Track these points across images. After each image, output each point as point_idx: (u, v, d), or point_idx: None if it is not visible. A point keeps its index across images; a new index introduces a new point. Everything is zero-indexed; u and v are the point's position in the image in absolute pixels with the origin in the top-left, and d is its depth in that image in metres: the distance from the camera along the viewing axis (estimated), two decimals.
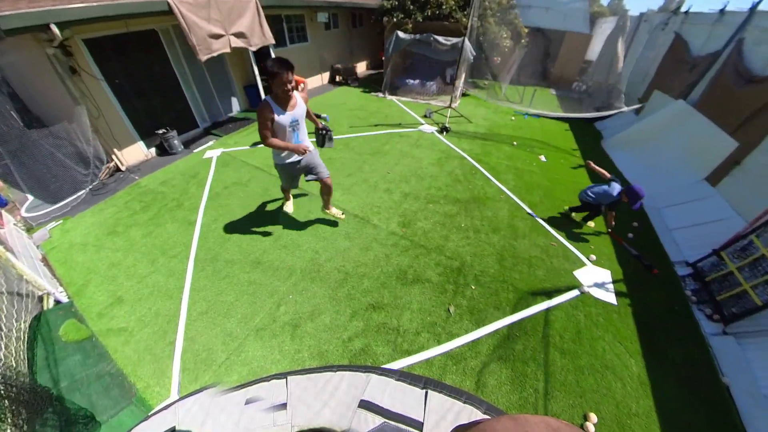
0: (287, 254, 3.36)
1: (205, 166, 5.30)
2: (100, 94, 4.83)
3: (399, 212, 4.01)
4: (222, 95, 7.23)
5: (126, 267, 3.26)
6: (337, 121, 7.05)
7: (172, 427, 0.98)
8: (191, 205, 4.26)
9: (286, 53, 8.28)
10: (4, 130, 4.58)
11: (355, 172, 4.93)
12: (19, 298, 2.55)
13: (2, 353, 1.97)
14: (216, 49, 5.33)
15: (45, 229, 3.89)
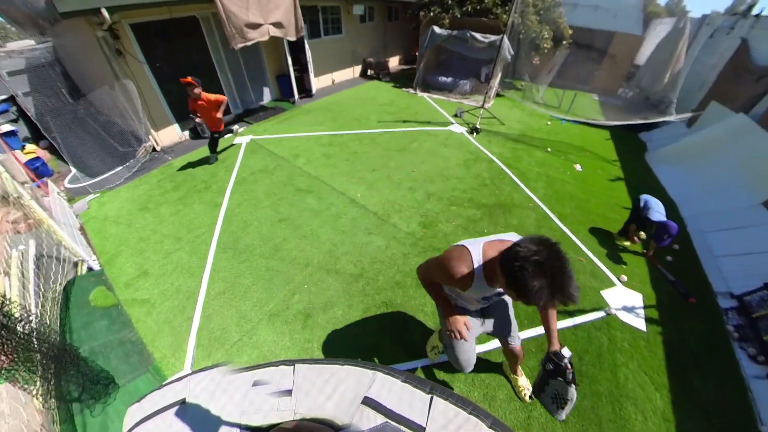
0: (306, 244, 3.44)
1: (233, 151, 5.51)
2: (141, 77, 5.13)
3: (421, 212, 3.98)
4: (255, 84, 7.46)
5: (154, 242, 3.48)
6: (366, 115, 7.08)
7: (183, 398, 1.02)
8: (218, 188, 4.45)
9: (320, 45, 8.40)
10: (56, 106, 5.01)
11: (379, 167, 4.94)
12: (57, 262, 2.79)
13: (39, 310, 2.17)
14: (251, 38, 5.50)
15: (84, 200, 4.21)
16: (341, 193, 4.30)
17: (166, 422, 1.00)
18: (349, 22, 9.17)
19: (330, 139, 5.93)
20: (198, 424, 0.95)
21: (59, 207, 3.56)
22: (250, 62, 7.10)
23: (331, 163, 5.07)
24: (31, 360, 1.57)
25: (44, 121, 4.73)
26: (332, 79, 9.61)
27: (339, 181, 4.57)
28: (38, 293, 2.27)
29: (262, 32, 5.64)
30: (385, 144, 5.73)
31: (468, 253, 1.23)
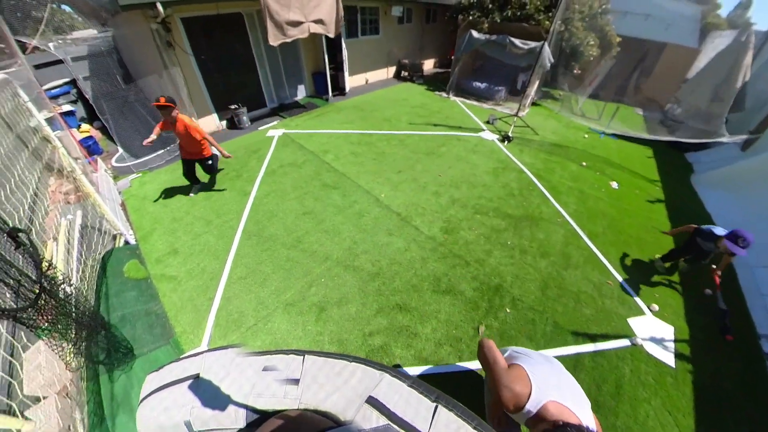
0: (327, 239, 3.50)
1: (266, 143, 5.72)
2: (187, 67, 5.45)
3: (444, 217, 3.93)
4: (291, 79, 7.69)
5: (185, 223, 3.68)
6: (396, 116, 7.10)
7: (197, 373, 1.07)
8: (249, 177, 4.64)
9: (357, 44, 8.52)
10: (110, 90, 5.43)
11: (406, 169, 4.94)
12: (98, 233, 3.02)
13: (79, 275, 2.35)
14: (290, 36, 5.67)
15: (127, 179, 4.54)
16: (366, 192, 4.33)
17: (180, 393, 1.05)
18: (387, 23, 9.23)
19: (359, 137, 6.00)
20: (209, 399, 1.00)
21: (105, 183, 3.86)
22: (288, 58, 7.32)
23: (359, 161, 5.13)
24: (67, 321, 1.71)
25: (99, 104, 5.15)
26: (366, 79, 9.71)
27: (365, 179, 4.61)
28: (80, 260, 2.47)
29: (302, 30, 5.80)
30: (413, 146, 5.71)
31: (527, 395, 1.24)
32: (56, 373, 1.57)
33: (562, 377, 1.35)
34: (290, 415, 0.91)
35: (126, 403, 1.84)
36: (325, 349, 2.47)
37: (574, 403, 1.20)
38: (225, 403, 0.98)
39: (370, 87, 9.43)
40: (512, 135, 6.33)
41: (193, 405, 1.01)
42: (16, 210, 1.94)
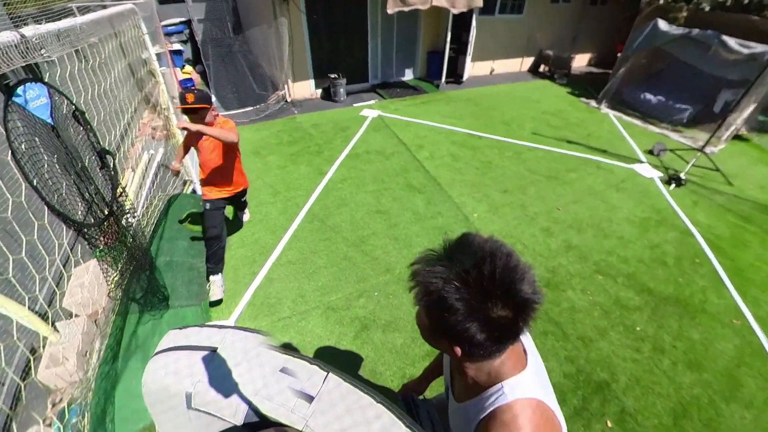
0: (395, 247, 3.49)
1: (357, 123, 6.09)
2: (296, 25, 6.18)
3: (549, 265, 3.53)
4: (401, 56, 8.07)
5: (253, 188, 4.14)
6: (519, 121, 6.78)
7: (216, 347, 1.13)
8: (329, 156, 5.00)
9: (490, 24, 8.46)
10: (218, 36, 6.53)
11: (514, 190, 4.64)
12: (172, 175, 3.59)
13: (142, 211, 2.82)
14: (411, 4, 5.94)
15: None
16: (456, 205, 4.21)
17: (192, 361, 1.13)
18: (537, 0, 8.93)
19: (465, 138, 5.90)
20: (216, 379, 1.04)
21: None
22: (404, 31, 7.71)
23: (457, 167, 5.03)
24: (122, 250, 2.03)
25: (205, 48, 6.23)
26: (491, 68, 9.56)
27: (458, 190, 4.49)
28: (148, 196, 2.96)
29: (424, 0, 6.02)
30: (532, 163, 5.33)
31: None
32: (94, 297, 1.89)
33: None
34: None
35: (142, 349, 2.11)
36: (355, 374, 2.43)
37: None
38: (230, 392, 1.01)
39: (495, 79, 9.24)
40: (685, 177, 5.36)
41: (200, 379, 1.06)
42: (109, 132, 2.42)
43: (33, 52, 1.48)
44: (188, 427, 1.06)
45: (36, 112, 1.66)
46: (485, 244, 0.70)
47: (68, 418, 1.54)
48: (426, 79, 8.52)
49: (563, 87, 9.25)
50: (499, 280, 0.64)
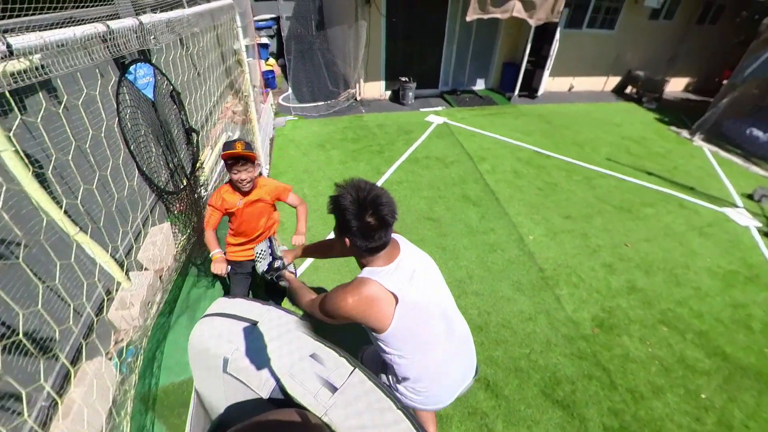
0: (440, 256, 3.44)
1: (421, 127, 6.12)
2: (375, 27, 6.37)
3: (606, 304, 3.25)
4: (475, 65, 7.95)
5: (314, 179, 4.36)
6: (594, 144, 6.33)
7: (257, 321, 1.22)
8: (389, 157, 5.09)
9: (575, 38, 8.00)
10: (302, 33, 6.95)
11: (578, 217, 4.34)
12: None
13: (213, 186, 3.09)
14: (490, 13, 5.84)
15: (284, 118, 5.72)
16: (511, 224, 4.05)
17: (234, 329, 1.23)
18: (632, 16, 8.23)
19: (531, 155, 5.65)
20: (252, 351, 1.12)
21: (266, 116, 4.96)
22: (481, 40, 7.58)
23: (518, 184, 4.84)
24: (191, 218, 2.26)
25: (288, 43, 6.67)
26: (571, 85, 9.04)
27: (516, 208, 4.32)
28: (220, 174, 3.24)
29: (506, 9, 5.89)
30: (602, 191, 4.95)
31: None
32: (162, 255, 2.12)
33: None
34: (310, 419, 0.92)
35: (193, 310, 2.32)
36: None
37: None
38: (262, 365, 1.07)
39: (573, 96, 8.72)
40: None
41: (238, 347, 1.15)
42: (197, 112, 2.69)
43: (147, 37, 1.70)
44: (220, 388, 1.16)
45: (142, 89, 1.90)
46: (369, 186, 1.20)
47: (125, 356, 1.76)
48: (498, 90, 8.29)
49: (651, 112, 8.45)
50: (370, 203, 1.15)
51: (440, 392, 1.40)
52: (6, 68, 1.03)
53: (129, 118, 1.79)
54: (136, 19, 1.62)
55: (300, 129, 5.51)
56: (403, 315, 1.20)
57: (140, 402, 1.82)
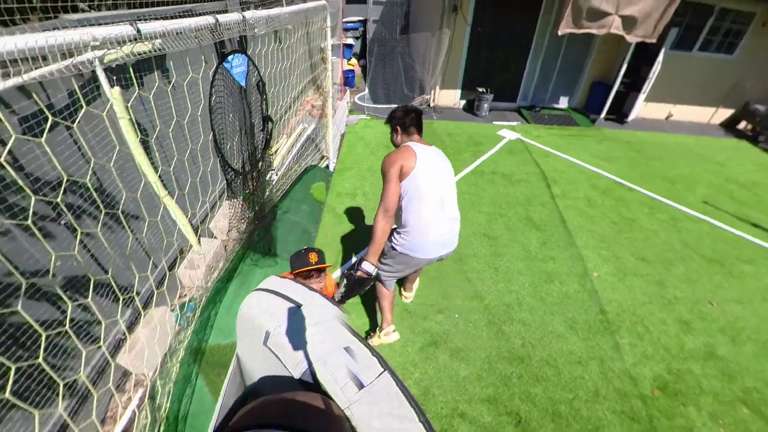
0: (491, 277, 3.34)
1: (492, 141, 5.95)
2: (459, 36, 6.32)
3: (673, 365, 2.87)
4: (560, 81, 7.51)
5: (375, 178, 4.46)
6: (689, 182, 5.63)
7: (301, 304, 1.28)
8: (454, 166, 4.83)
9: (682, 62, 7.17)
10: (384, 37, 7.13)
11: (655, 261, 3.89)
12: (314, 148, 4.12)
13: (283, 171, 3.31)
14: (585, 28, 5.46)
15: (358, 116, 5.93)
16: (576, 256, 3.76)
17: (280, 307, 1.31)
18: (759, 41, 7.13)
19: (610, 185, 5.20)
20: (292, 330, 1.19)
21: (341, 113, 5.19)
22: (571, 55, 7.15)
23: (591, 213, 4.48)
24: (259, 197, 2.45)
25: (371, 45, 6.89)
26: (669, 113, 8.13)
27: (584, 239, 4.00)
28: (291, 161, 3.47)
29: (602, 24, 5.47)
30: (690, 236, 4.37)
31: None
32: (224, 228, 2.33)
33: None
34: (333, 409, 0.95)
35: (245, 281, 2.52)
36: (408, 385, 2.42)
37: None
38: (299, 347, 1.12)
39: (669, 126, 7.84)
40: None
41: (280, 324, 1.22)
42: (277, 101, 2.90)
43: (247, 29, 1.89)
44: (259, 359, 1.24)
45: (235, 77, 2.11)
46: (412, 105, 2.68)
47: (185, 310, 1.97)
48: (582, 110, 7.75)
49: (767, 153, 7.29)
50: (411, 109, 2.10)
51: (423, 246, 2.00)
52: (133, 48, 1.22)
53: (220, 102, 2.00)
54: (241, 15, 1.80)
55: (371, 128, 5.67)
56: (417, 172, 1.88)
57: (190, 354, 2.01)
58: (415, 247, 1.99)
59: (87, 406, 1.62)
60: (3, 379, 1.16)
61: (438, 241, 2.01)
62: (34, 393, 1.35)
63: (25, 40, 0.89)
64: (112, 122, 1.43)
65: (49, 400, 1.41)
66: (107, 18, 1.69)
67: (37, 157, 1.36)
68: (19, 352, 1.31)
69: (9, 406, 1.29)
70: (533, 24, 6.60)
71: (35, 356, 1.19)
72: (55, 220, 1.45)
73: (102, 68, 1.22)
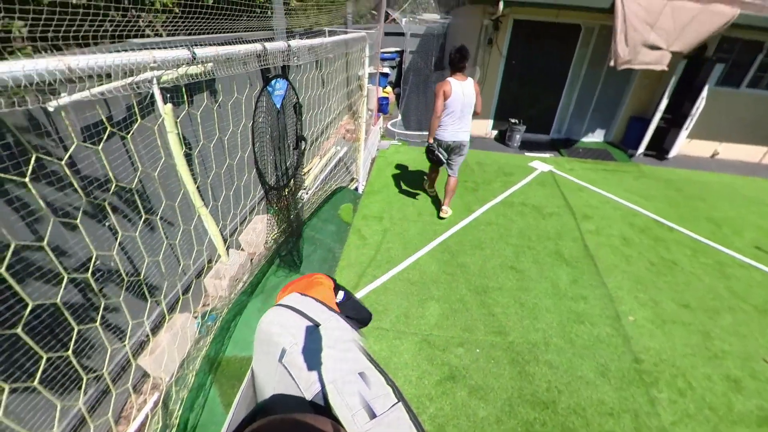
0: (516, 313, 3.20)
1: (523, 172, 5.88)
2: (493, 67, 6.41)
3: (719, 427, 2.56)
4: (596, 115, 7.38)
5: (403, 203, 4.52)
6: (737, 225, 5.24)
7: (319, 323, 1.27)
8: (482, 197, 4.99)
9: (730, 99, 6.86)
10: (421, 67, 7.36)
11: (699, 309, 3.58)
12: (345, 170, 4.23)
13: (313, 191, 3.40)
14: (643, 63, 5.37)
15: (389, 142, 6.05)
16: (608, 297, 3.54)
17: (298, 325, 1.31)
18: None
19: (648, 223, 4.94)
20: (308, 350, 1.18)
21: (373, 138, 5.32)
22: (608, 89, 7.04)
23: (626, 253, 4.24)
24: (288, 215, 2.52)
25: (407, 74, 7.14)
26: (715, 151, 7.73)
27: (618, 281, 3.77)
28: (322, 182, 3.57)
29: (657, 58, 5.37)
30: (740, 284, 4.03)
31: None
32: (258, 242, 2.39)
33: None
34: None
35: (268, 295, 2.56)
36: (423, 420, 2.31)
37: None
38: (313, 367, 1.11)
39: (715, 164, 7.43)
40: None
41: (297, 343, 1.22)
42: (314, 124, 3.02)
43: (291, 58, 2.00)
44: (273, 376, 1.23)
45: (275, 99, 2.23)
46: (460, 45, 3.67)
47: (207, 318, 2.01)
48: (619, 145, 7.53)
49: None
50: (458, 55, 3.54)
51: (444, 133, 3.76)
52: (188, 70, 1.32)
53: (260, 122, 2.11)
54: (286, 43, 1.92)
55: (401, 153, 5.75)
56: (452, 98, 3.53)
57: (206, 363, 2.04)
58: (442, 133, 3.78)
59: (104, 404, 1.67)
60: (33, 367, 1.21)
61: (451, 132, 3.75)
62: (58, 384, 1.41)
63: (95, 60, 0.99)
64: (161, 135, 1.54)
65: (71, 392, 1.46)
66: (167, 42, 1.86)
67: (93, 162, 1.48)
68: (52, 342, 1.38)
69: (34, 392, 1.34)
70: (569, 57, 6.60)
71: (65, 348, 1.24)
72: (101, 221, 1.55)
73: (158, 87, 1.33)
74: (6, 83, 0.77)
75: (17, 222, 1.25)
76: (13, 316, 1.22)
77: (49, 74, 0.85)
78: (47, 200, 1.34)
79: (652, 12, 5.18)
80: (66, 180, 1.35)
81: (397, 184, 4.93)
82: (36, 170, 1.26)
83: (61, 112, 1.23)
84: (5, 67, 0.76)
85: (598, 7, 5.35)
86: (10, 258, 1.07)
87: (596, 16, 5.95)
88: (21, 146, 1.20)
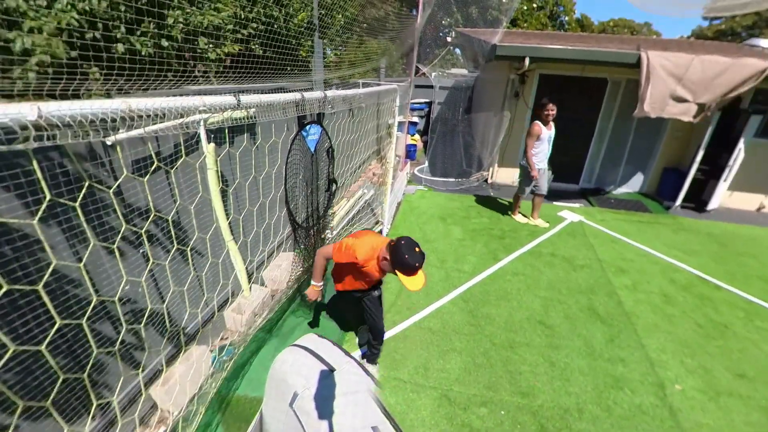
0: (546, 373, 2.94)
1: (552, 221, 5.75)
2: (519, 118, 6.54)
3: None
4: (629, 166, 7.25)
5: (429, 249, 4.43)
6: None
7: (334, 369, 1.24)
8: (509, 245, 4.88)
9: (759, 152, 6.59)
10: (448, 117, 7.65)
11: (759, 380, 3.15)
12: (370, 213, 4.29)
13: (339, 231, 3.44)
14: (671, 114, 5.39)
15: (415, 187, 6.17)
16: (648, 362, 3.21)
17: (313, 369, 1.27)
18: None
19: (692, 280, 4.59)
20: (321, 396, 1.13)
21: (400, 182, 5.45)
22: (640, 140, 6.95)
23: (668, 312, 3.91)
24: (312, 254, 2.54)
25: (434, 124, 7.42)
26: (761, 204, 7.27)
27: (660, 343, 3.44)
28: (347, 223, 3.63)
29: (684, 110, 5.38)
30: None
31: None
32: (281, 279, 2.41)
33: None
34: None
35: (285, 336, 2.51)
36: None
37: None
38: (325, 416, 1.06)
39: (763, 218, 6.95)
40: None
41: (309, 387, 1.17)
42: (343, 167, 3.14)
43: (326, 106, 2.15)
44: (281, 420, 1.18)
45: (309, 143, 2.36)
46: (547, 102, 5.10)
47: (224, 353, 1.98)
48: (653, 196, 7.26)
49: None
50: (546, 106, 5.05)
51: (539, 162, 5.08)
52: (233, 114, 1.44)
53: (293, 163, 2.22)
54: (324, 93, 2.07)
55: (427, 199, 5.82)
56: (541, 138, 4.95)
57: (217, 400, 1.98)
58: (536, 161, 4.75)
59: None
60: (49, 387, 1.21)
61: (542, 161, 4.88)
62: (68, 407, 1.40)
63: (153, 103, 1.10)
64: (202, 171, 1.65)
65: (80, 417, 1.45)
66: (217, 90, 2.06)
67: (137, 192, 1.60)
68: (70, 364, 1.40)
69: (45, 414, 1.33)
70: (597, 108, 6.67)
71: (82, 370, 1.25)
72: (136, 248, 1.63)
73: (204, 128, 1.45)
74: (76, 119, 0.87)
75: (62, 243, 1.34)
76: (40, 333, 1.26)
77: (113, 113, 0.95)
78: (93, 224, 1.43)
79: (680, 65, 5.27)
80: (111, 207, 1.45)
81: (422, 230, 4.92)
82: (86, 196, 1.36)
83: (117, 146, 1.36)
84: (78, 105, 0.87)
85: (624, 63, 5.47)
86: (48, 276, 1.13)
87: (623, 71, 6.07)
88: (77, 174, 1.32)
